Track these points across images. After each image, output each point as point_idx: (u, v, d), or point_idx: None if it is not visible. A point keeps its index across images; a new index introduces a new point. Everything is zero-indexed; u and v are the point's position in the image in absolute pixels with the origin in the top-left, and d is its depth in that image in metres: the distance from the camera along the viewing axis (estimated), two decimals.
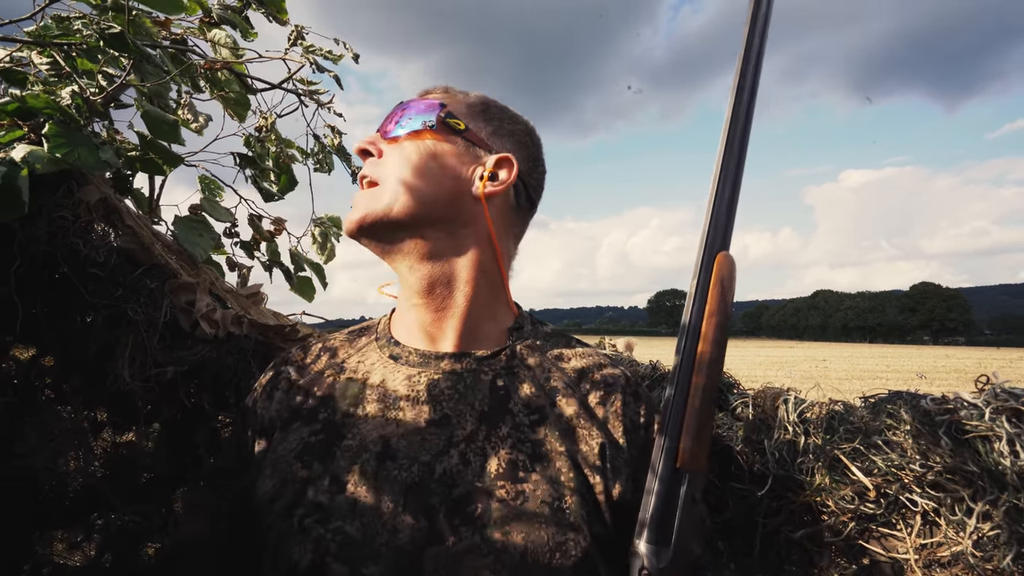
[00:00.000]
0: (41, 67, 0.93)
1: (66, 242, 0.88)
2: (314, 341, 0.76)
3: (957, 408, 0.57)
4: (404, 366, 0.67)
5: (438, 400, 0.64)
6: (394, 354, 0.69)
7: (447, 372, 0.66)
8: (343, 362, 0.71)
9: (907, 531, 0.64)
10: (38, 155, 0.79)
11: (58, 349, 0.95)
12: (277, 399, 0.69)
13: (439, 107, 0.70)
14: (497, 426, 0.62)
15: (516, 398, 0.65)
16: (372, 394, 0.65)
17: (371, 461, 0.60)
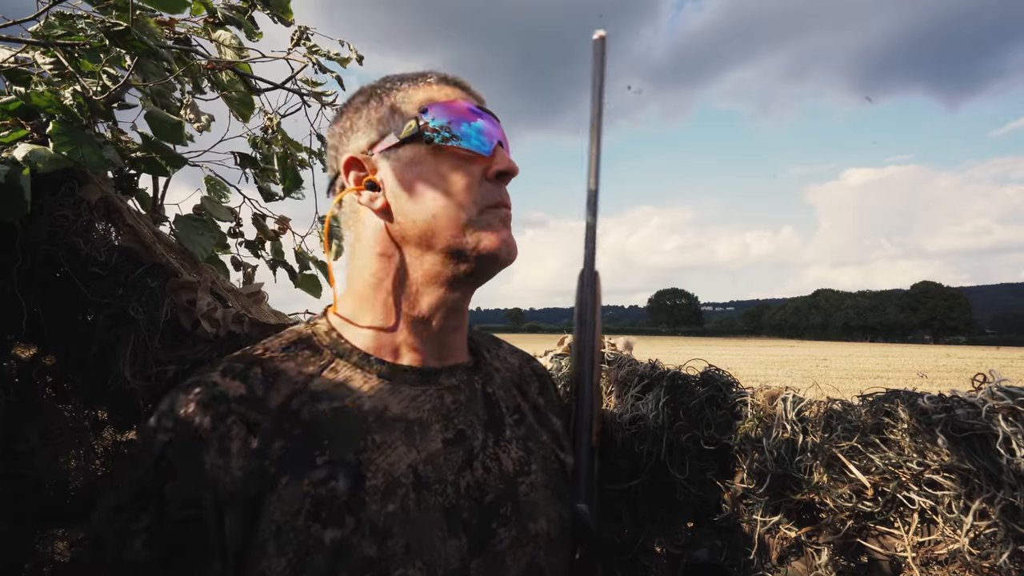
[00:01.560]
0: (44, 67, 0.93)
1: (67, 241, 0.88)
2: (239, 364, 0.58)
3: (954, 406, 0.58)
4: (404, 386, 0.61)
5: (449, 418, 0.62)
6: (385, 374, 0.61)
7: (448, 387, 0.64)
8: (311, 388, 0.57)
9: (905, 529, 0.64)
10: (40, 154, 0.80)
11: (59, 348, 0.96)
12: (238, 453, 0.51)
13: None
14: (501, 431, 0.66)
15: (501, 401, 0.69)
16: (378, 422, 0.57)
17: (410, 495, 0.55)
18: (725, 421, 0.82)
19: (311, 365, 0.60)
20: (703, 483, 0.87)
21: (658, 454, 0.92)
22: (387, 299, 0.63)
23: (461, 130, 0.61)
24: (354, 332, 0.64)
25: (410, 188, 0.61)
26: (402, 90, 0.64)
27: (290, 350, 0.61)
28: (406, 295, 0.63)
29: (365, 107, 0.65)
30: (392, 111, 0.63)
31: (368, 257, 0.63)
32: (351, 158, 0.63)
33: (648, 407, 0.94)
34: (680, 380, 0.93)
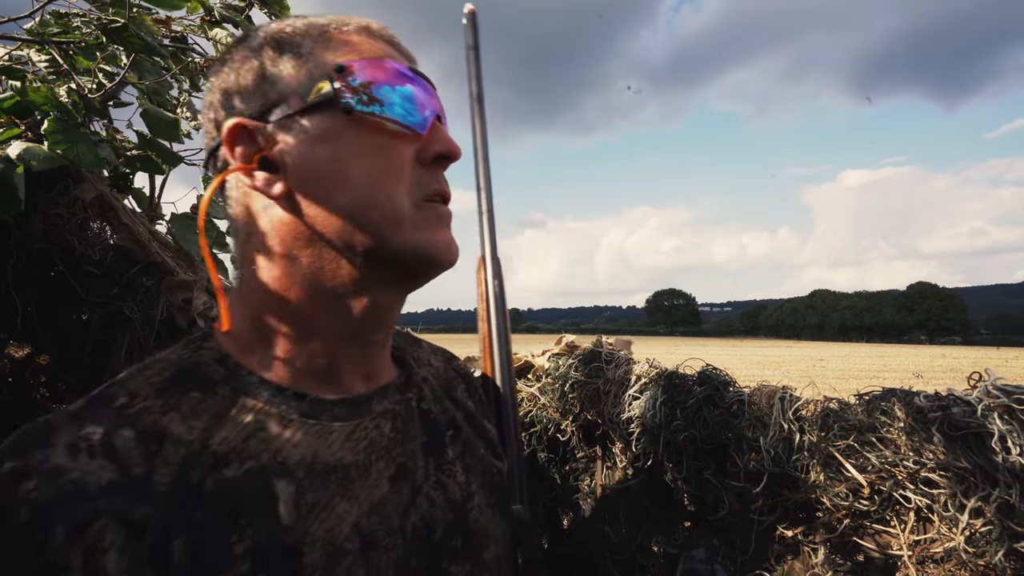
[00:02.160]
0: (40, 64, 0.93)
1: (62, 239, 0.88)
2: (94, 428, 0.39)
3: (950, 405, 0.58)
4: (334, 424, 0.49)
5: (390, 451, 0.51)
6: (308, 411, 0.48)
7: (384, 414, 0.53)
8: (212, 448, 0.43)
9: (901, 527, 0.64)
10: (34, 152, 0.79)
11: (53, 347, 0.95)
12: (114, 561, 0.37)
13: None
14: (443, 452, 0.56)
15: (437, 417, 0.59)
16: (308, 478, 0.45)
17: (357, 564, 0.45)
18: (722, 420, 0.82)
19: (205, 412, 0.44)
20: (700, 482, 0.87)
21: (655, 453, 0.92)
22: (297, 313, 0.48)
23: (389, 97, 0.47)
24: (258, 357, 0.48)
25: (322, 170, 0.46)
26: (311, 38, 0.49)
27: (170, 393, 0.44)
28: (322, 308, 0.49)
29: (258, 56, 0.48)
30: (297, 65, 0.48)
31: (267, 259, 0.48)
32: (237, 124, 0.47)
33: (645, 406, 0.94)
34: (677, 379, 0.93)
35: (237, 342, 0.49)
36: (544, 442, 1.12)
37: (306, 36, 0.49)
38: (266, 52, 0.49)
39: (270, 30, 0.50)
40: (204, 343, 0.49)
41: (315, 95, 0.46)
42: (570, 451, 1.11)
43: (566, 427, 1.07)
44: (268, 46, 0.49)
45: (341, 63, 0.47)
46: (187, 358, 0.47)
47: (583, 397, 1.04)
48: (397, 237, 0.47)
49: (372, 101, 0.46)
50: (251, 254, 0.49)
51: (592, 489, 1.08)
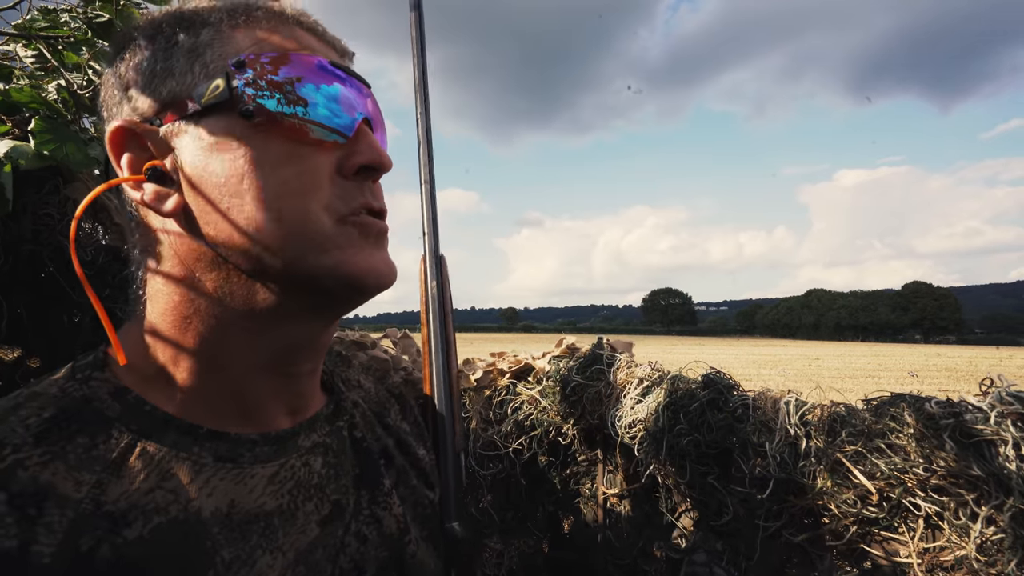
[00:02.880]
0: (27, 60, 0.90)
1: (52, 240, 0.86)
2: None
3: (962, 412, 0.57)
4: (255, 466, 0.43)
5: (322, 489, 0.46)
6: (225, 453, 0.41)
7: (313, 449, 0.47)
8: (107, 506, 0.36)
9: (910, 535, 0.63)
10: (22, 151, 0.77)
11: (44, 350, 0.93)
12: None
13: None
14: (378, 484, 0.51)
15: (370, 444, 0.54)
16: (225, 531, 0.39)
17: None
18: (726, 425, 0.81)
19: (96, 461, 0.36)
20: (704, 487, 0.85)
21: (657, 457, 0.91)
22: (204, 343, 0.41)
23: (306, 97, 0.40)
24: (164, 391, 0.41)
25: (221, 183, 0.39)
26: (210, 26, 0.41)
27: (52, 438, 0.36)
28: (233, 337, 0.42)
29: (152, 44, 0.41)
30: (192, 58, 0.40)
31: (166, 282, 0.42)
32: (120, 128, 0.40)
33: (647, 410, 0.93)
34: (680, 383, 0.92)
35: (137, 373, 0.41)
36: (545, 446, 1.10)
37: (204, 23, 0.41)
38: (159, 40, 0.41)
39: (168, 12, 0.42)
40: (95, 372, 0.41)
41: (210, 96, 0.39)
42: (571, 455, 1.09)
43: (567, 430, 1.06)
44: (162, 33, 0.41)
45: (240, 57, 0.39)
46: (72, 392, 0.39)
47: (584, 400, 1.03)
48: (315, 259, 0.40)
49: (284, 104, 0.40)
50: (148, 275, 0.43)
51: (593, 493, 1.07)
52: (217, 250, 0.40)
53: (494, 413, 1.13)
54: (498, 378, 1.14)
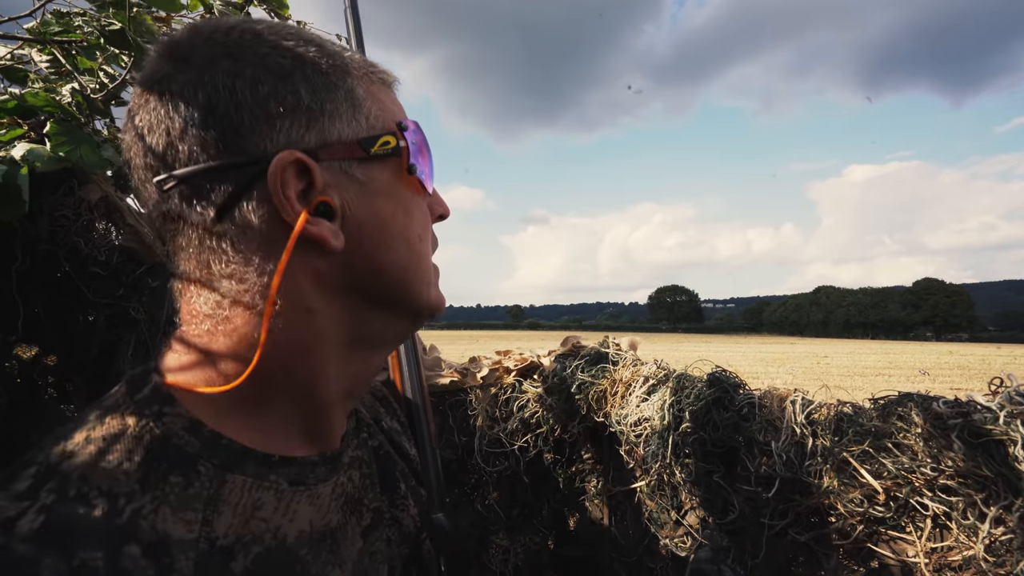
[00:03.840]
0: (41, 65, 0.92)
1: (67, 241, 0.87)
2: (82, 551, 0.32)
3: (970, 411, 0.56)
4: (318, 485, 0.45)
5: (361, 500, 0.49)
6: (296, 478, 0.43)
7: (351, 463, 0.50)
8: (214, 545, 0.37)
9: (917, 535, 0.63)
10: (38, 153, 0.79)
11: (60, 348, 0.95)
12: None
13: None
14: (396, 487, 0.55)
15: (380, 449, 0.57)
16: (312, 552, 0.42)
17: None
18: (732, 423, 0.81)
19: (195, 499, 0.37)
20: (709, 485, 0.86)
21: (663, 456, 0.91)
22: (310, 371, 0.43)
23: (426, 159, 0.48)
24: (239, 422, 0.42)
25: (379, 225, 0.43)
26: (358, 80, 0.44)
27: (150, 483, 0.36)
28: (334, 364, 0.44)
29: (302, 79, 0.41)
30: (352, 107, 0.43)
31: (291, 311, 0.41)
32: (298, 159, 0.39)
33: (653, 408, 0.93)
34: (686, 381, 0.92)
35: (210, 404, 0.41)
36: (550, 443, 1.11)
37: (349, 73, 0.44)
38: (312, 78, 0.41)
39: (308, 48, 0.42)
40: (165, 408, 0.40)
41: (380, 147, 0.43)
42: (576, 452, 1.10)
43: (572, 428, 1.06)
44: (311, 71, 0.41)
45: (403, 121, 0.46)
46: (149, 430, 0.38)
47: (590, 398, 1.03)
48: (426, 294, 0.48)
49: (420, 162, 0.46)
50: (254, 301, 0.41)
51: (599, 490, 1.08)
52: (357, 284, 0.43)
53: (500, 411, 1.14)
54: (504, 376, 1.15)
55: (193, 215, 0.40)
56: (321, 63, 0.42)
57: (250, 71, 0.39)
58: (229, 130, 0.39)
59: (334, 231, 0.41)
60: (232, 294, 0.41)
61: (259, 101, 0.39)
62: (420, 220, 0.47)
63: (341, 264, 0.42)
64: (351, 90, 0.43)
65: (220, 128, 0.39)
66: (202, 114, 0.38)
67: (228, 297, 0.41)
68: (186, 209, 0.40)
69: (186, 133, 0.39)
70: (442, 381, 1.15)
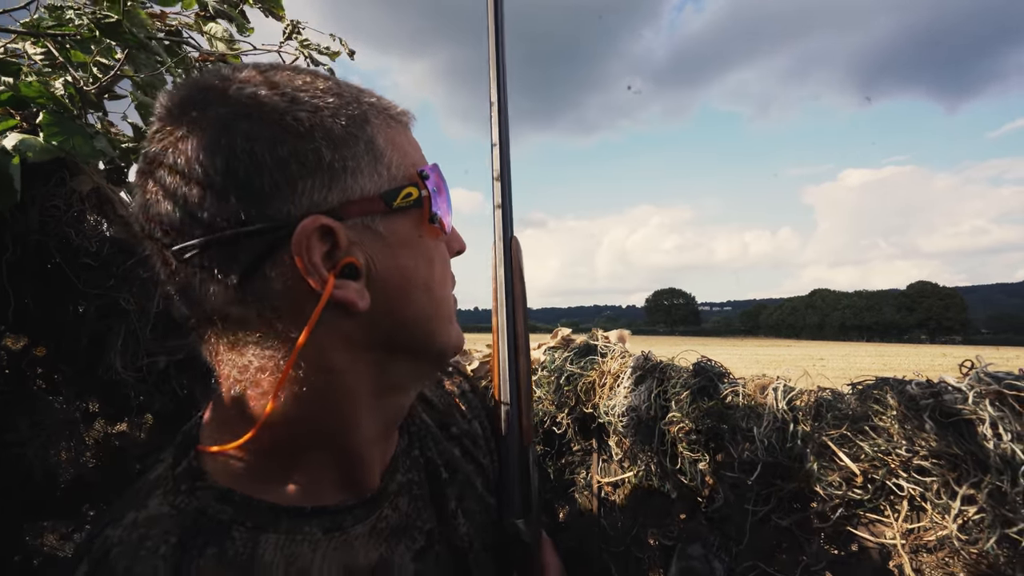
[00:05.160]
0: (35, 57, 0.93)
1: (58, 231, 0.88)
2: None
3: (941, 392, 0.58)
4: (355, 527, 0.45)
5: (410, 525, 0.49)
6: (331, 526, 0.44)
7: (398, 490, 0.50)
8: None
9: (894, 516, 0.64)
10: (30, 143, 0.79)
11: (50, 339, 0.95)
12: None
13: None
14: (446, 504, 0.54)
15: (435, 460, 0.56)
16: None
17: None
18: (717, 411, 0.82)
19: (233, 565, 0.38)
20: (696, 474, 0.87)
21: (650, 445, 0.92)
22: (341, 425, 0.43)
23: (444, 199, 0.47)
24: (270, 482, 0.43)
25: (403, 278, 0.42)
26: (378, 129, 0.42)
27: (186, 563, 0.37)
28: (364, 414, 0.44)
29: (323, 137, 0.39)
30: (372, 159, 0.41)
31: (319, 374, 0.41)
32: (324, 224, 0.38)
33: (640, 399, 0.94)
34: (672, 371, 0.93)
35: (240, 469, 0.42)
36: (540, 435, 1.12)
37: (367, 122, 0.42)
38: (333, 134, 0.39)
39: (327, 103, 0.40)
40: (196, 483, 0.41)
41: (402, 200, 0.42)
42: (566, 444, 1.11)
43: (562, 420, 1.07)
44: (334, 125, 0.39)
45: (424, 170, 0.44)
46: (183, 507, 0.40)
47: (579, 390, 1.04)
48: (447, 336, 0.47)
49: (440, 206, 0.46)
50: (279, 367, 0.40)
51: (588, 482, 1.08)
52: (380, 337, 0.43)
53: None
54: None
55: (214, 284, 0.38)
56: (340, 116, 0.40)
57: (268, 132, 0.37)
58: (250, 196, 0.37)
59: (360, 291, 0.40)
60: (259, 359, 0.40)
61: (279, 164, 0.37)
62: (440, 265, 0.47)
63: (367, 322, 0.41)
64: (371, 140, 0.41)
65: (240, 194, 0.37)
66: (222, 180, 0.37)
67: (256, 361, 0.40)
68: (207, 278, 0.38)
69: (205, 201, 0.37)
70: None
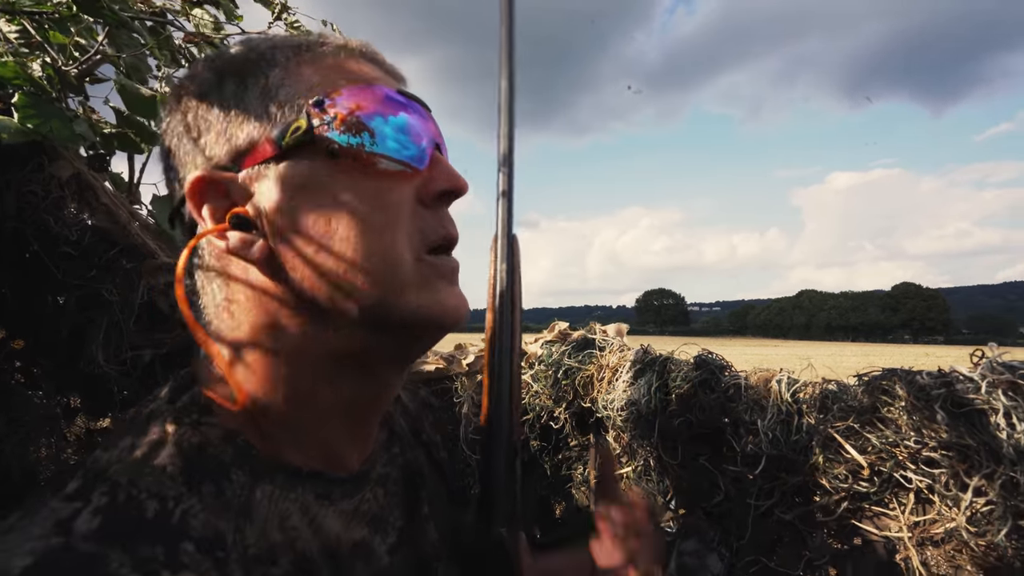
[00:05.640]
0: (10, 36, 0.89)
1: (36, 218, 0.84)
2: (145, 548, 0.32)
3: (953, 382, 0.57)
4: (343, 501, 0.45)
5: (386, 519, 0.48)
6: (323, 492, 0.43)
7: (377, 480, 0.49)
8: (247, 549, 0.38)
9: (900, 509, 0.63)
10: (5, 124, 0.76)
11: (28, 331, 0.92)
12: None
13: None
14: (419, 508, 0.53)
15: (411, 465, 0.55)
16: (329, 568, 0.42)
17: None
18: (719, 404, 0.81)
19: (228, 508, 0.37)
20: (695, 468, 0.85)
21: (650, 440, 0.91)
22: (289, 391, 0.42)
23: (380, 129, 0.40)
24: (262, 435, 0.42)
25: (306, 225, 0.39)
26: (280, 65, 0.41)
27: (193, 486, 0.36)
28: (319, 381, 0.42)
29: (217, 93, 0.41)
30: (265, 100, 0.40)
31: (249, 329, 0.41)
32: (200, 178, 0.39)
33: (639, 393, 0.93)
34: (672, 365, 0.92)
35: (241, 415, 0.41)
36: (537, 430, 1.10)
37: (273, 63, 0.41)
38: (227, 85, 0.41)
39: (229, 56, 0.42)
40: (205, 417, 0.40)
41: (291, 137, 0.38)
42: (563, 439, 1.09)
43: (559, 414, 1.05)
44: (229, 76, 0.41)
45: (319, 97, 0.39)
46: (187, 438, 0.38)
47: (576, 384, 1.02)
48: (398, 299, 0.40)
49: (359, 135, 0.39)
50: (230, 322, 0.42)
51: (585, 478, 1.07)
52: (300, 293, 0.40)
53: None
54: None
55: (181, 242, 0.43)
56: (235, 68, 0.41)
57: (181, 105, 0.42)
58: (172, 167, 0.43)
59: (246, 240, 0.39)
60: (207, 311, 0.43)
61: (186, 131, 0.41)
62: (375, 209, 0.39)
63: (274, 274, 0.40)
64: (268, 84, 0.40)
65: (168, 167, 0.43)
66: (163, 159, 0.44)
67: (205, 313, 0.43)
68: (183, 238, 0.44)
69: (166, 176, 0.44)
70: (427, 368, 1.13)
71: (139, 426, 0.39)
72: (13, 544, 0.30)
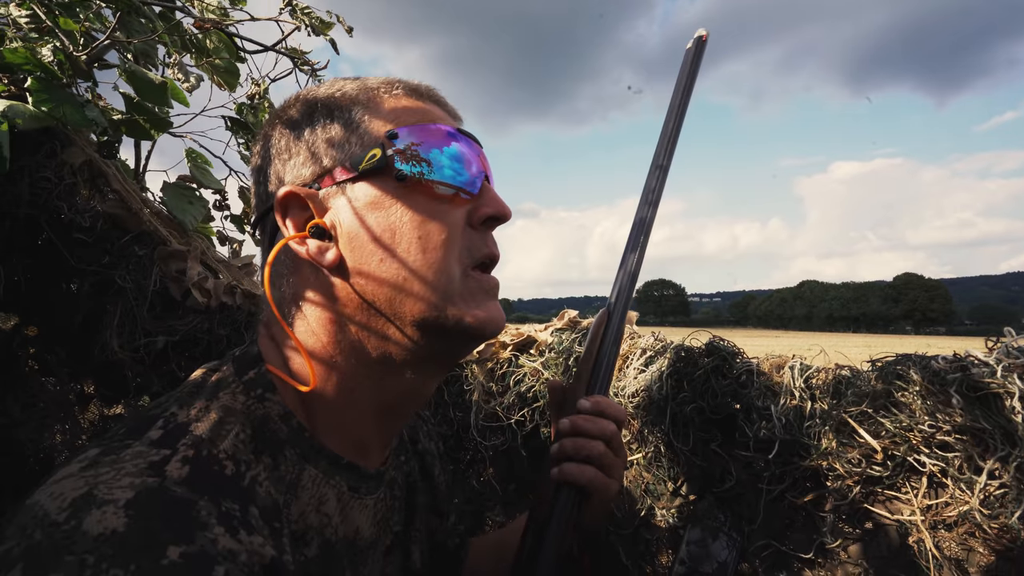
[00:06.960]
0: (20, 21, 0.88)
1: (49, 204, 0.84)
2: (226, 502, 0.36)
3: (969, 366, 0.57)
4: (367, 497, 0.49)
5: (387, 520, 0.52)
6: (354, 484, 0.47)
7: (389, 482, 0.53)
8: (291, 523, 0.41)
9: (913, 493, 0.64)
10: (19, 110, 0.76)
11: (42, 318, 0.92)
12: None
13: None
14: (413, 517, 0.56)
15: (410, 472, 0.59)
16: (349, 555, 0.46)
17: None
18: (731, 390, 0.81)
19: (281, 482, 0.41)
20: (707, 454, 0.86)
21: (661, 426, 0.91)
22: (343, 382, 0.47)
23: (438, 159, 0.46)
24: (312, 420, 0.47)
25: (374, 238, 0.45)
26: (361, 103, 0.48)
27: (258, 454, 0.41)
28: (366, 379, 0.47)
29: (308, 123, 0.48)
30: (347, 132, 0.47)
31: (317, 325, 0.47)
32: (289, 193, 0.46)
33: (651, 379, 0.93)
34: (684, 351, 0.92)
35: (296, 398, 0.46)
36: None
37: (355, 102, 0.49)
38: (316, 119, 0.48)
39: (319, 95, 0.49)
40: (268, 393, 0.45)
41: (367, 163, 0.45)
42: None
43: None
44: (317, 112, 0.49)
45: (392, 129, 0.46)
46: (254, 409, 0.43)
47: None
48: (447, 309, 0.45)
49: (421, 163, 0.46)
50: (298, 317, 0.47)
51: None
52: (363, 297, 0.46)
53: (496, 385, 1.13)
54: (500, 351, 1.14)
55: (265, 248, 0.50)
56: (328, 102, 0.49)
57: (275, 132, 0.50)
58: (261, 182, 0.50)
59: (322, 248, 0.45)
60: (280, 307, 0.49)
61: (278, 153, 0.49)
62: (433, 227, 0.45)
63: (342, 278, 0.46)
64: (350, 118, 0.48)
65: (258, 183, 0.51)
66: (254, 175, 0.52)
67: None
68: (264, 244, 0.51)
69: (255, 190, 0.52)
70: None
71: (209, 391, 0.43)
72: (110, 477, 0.33)
